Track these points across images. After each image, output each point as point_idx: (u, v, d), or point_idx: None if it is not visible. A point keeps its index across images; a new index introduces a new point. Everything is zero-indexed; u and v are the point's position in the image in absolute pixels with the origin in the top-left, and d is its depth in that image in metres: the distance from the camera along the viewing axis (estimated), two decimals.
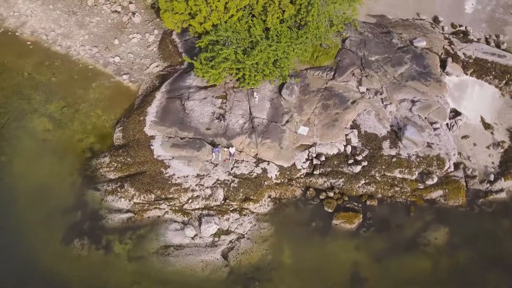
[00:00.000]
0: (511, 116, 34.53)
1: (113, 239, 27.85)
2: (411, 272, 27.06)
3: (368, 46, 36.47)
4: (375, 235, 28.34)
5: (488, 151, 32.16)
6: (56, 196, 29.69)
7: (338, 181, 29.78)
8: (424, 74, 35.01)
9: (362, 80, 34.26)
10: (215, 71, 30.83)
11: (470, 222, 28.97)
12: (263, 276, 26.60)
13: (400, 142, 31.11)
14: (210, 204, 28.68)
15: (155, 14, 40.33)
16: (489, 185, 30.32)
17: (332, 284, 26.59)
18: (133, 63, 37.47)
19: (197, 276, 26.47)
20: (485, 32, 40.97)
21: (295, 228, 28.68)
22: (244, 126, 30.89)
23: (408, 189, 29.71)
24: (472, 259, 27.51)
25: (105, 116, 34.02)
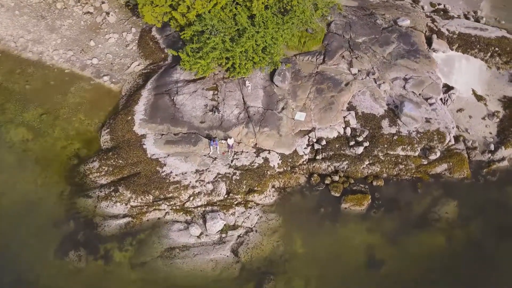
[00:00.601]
0: (500, 87, 34.65)
1: (112, 247, 25.84)
2: (426, 249, 26.32)
3: (354, 28, 36.01)
4: (386, 215, 27.53)
5: (484, 122, 32.09)
6: (44, 208, 27.50)
7: (342, 164, 28.85)
8: (413, 52, 34.81)
9: (353, 61, 33.69)
10: (204, 62, 29.45)
11: (477, 193, 28.63)
12: (277, 269, 25.23)
13: (399, 119, 30.57)
14: (213, 199, 27.11)
15: (131, 12, 38.68)
16: (491, 155, 30.14)
17: (348, 269, 25.48)
18: (113, 63, 35.55)
19: (208, 277, 24.83)
20: (463, 9, 41.41)
21: (304, 216, 27.51)
22: (240, 116, 29.58)
23: (413, 166, 29.11)
24: (484, 229, 27.07)
25: (88, 120, 31.96)
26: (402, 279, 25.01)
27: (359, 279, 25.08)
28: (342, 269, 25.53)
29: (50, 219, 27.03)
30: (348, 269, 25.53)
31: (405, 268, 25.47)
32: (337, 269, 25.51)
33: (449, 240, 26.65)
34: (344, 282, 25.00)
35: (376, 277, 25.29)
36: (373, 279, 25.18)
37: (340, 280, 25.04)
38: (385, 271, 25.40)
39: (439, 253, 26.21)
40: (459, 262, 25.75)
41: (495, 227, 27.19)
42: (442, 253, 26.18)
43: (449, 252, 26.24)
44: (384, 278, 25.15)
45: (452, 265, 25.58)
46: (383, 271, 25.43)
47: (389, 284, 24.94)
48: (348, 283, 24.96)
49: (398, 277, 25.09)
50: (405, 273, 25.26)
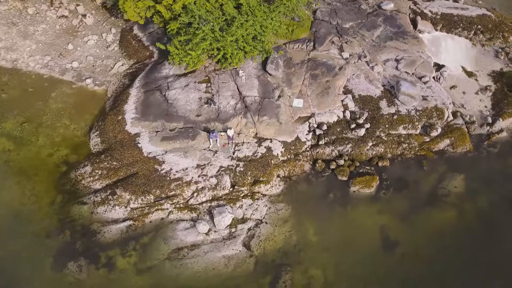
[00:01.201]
0: (488, 62, 34.99)
1: (114, 254, 24.04)
2: (439, 225, 25.80)
3: (340, 14, 35.74)
4: (396, 195, 26.92)
5: (478, 96, 32.19)
6: (35, 220, 25.48)
7: (346, 147, 28.13)
8: (400, 33, 34.78)
9: (343, 46, 33.27)
10: (195, 53, 28.29)
11: (482, 165, 28.48)
12: (292, 260, 24.07)
13: (396, 99, 30.22)
14: (218, 194, 25.77)
15: (108, 13, 37.16)
16: (489, 128, 30.15)
17: (364, 253, 24.57)
18: (94, 66, 33.84)
19: (221, 275, 23.39)
20: None
21: (313, 203, 26.54)
22: (237, 106, 28.46)
23: (416, 144, 28.71)
24: (493, 200, 26.77)
25: (74, 125, 30.11)
26: (418, 257, 24.32)
27: (376, 262, 24.23)
28: (358, 254, 24.58)
29: (42, 231, 25.04)
30: (364, 252, 24.61)
31: (420, 246, 24.79)
32: (353, 254, 24.55)
33: (461, 214, 26.22)
34: (361, 266, 24.06)
35: (393, 258, 24.52)
36: (390, 260, 24.40)
37: (357, 265, 24.10)
38: (401, 251, 24.67)
39: (452, 228, 25.74)
40: (473, 235, 25.25)
41: (504, 197, 26.91)
42: (455, 228, 25.71)
43: (463, 227, 25.77)
44: (400, 259, 24.41)
45: (466, 239, 25.11)
46: (399, 252, 24.69)
47: (406, 264, 24.15)
48: (366, 267, 24.01)
49: (415, 256, 24.38)
50: (421, 251, 24.58)
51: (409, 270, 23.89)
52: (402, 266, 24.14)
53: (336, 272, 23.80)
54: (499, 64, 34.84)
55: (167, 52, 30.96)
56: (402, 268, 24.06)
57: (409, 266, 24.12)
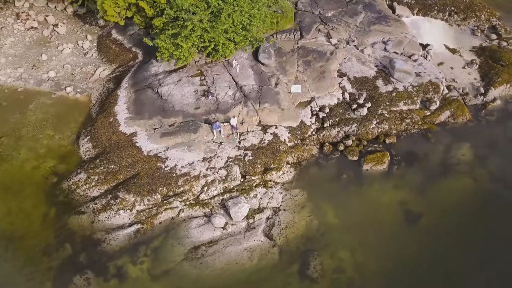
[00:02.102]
0: (467, 40, 35.90)
1: (124, 262, 21.70)
2: (456, 193, 25.31)
3: (320, 4, 35.79)
4: (408, 169, 26.36)
5: (466, 70, 32.73)
6: (28, 238, 22.78)
7: (351, 127, 27.47)
8: (382, 18, 35.19)
9: (330, 33, 33.13)
10: (186, 45, 26.95)
11: (483, 132, 28.63)
12: (317, 245, 22.67)
13: (392, 77, 30.13)
14: (230, 185, 24.13)
15: (82, 21, 35.30)
16: (483, 97, 30.58)
17: (388, 229, 23.57)
18: (73, 74, 31.72)
19: (246, 269, 21.57)
20: None
21: (328, 186, 25.47)
22: (236, 96, 27.23)
23: (418, 118, 28.52)
24: (502, 163, 26.72)
25: (58, 134, 27.76)
26: (443, 227, 23.55)
27: (402, 236, 23.26)
28: (382, 230, 23.53)
29: (37, 249, 22.32)
30: (388, 229, 23.61)
31: (443, 216, 24.08)
32: (377, 231, 23.46)
33: (474, 180, 25.90)
34: (387, 242, 22.98)
35: (417, 231, 23.63)
36: (415, 234, 23.46)
37: (384, 242, 23.00)
38: (424, 224, 23.83)
39: (469, 194, 25.33)
40: (490, 199, 24.91)
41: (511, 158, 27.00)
42: (472, 194, 25.32)
43: (479, 191, 25.42)
44: (424, 231, 23.54)
45: (486, 203, 24.73)
46: (422, 224, 23.84)
47: (431, 236, 23.28)
48: (393, 243, 22.96)
49: (438, 227, 23.59)
50: (444, 221, 23.85)
51: (436, 241, 23.02)
52: (428, 238, 23.25)
53: (364, 252, 22.56)
54: (478, 41, 35.80)
55: (153, 51, 29.52)
56: (428, 240, 23.15)
57: (435, 237, 23.26)
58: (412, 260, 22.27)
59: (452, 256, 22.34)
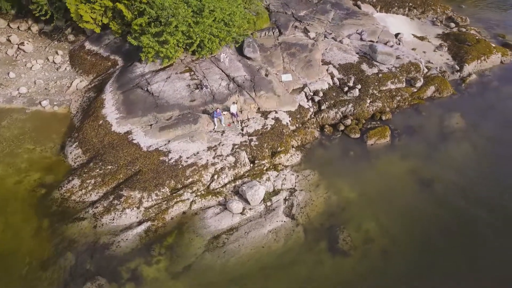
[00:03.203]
0: (430, 30, 38.06)
1: (137, 264, 19.42)
2: (461, 156, 25.56)
3: (291, 5, 36.71)
4: (410, 140, 26.52)
5: (437, 53, 34.36)
6: (21, 255, 19.88)
7: (348, 107, 27.47)
8: (351, 13, 36.61)
9: (307, 28, 33.76)
10: (173, 39, 26.14)
11: (468, 102, 29.73)
12: (340, 219, 21.68)
13: (374, 61, 30.91)
14: (240, 172, 22.84)
15: (49, 39, 33.53)
16: (460, 73, 32.07)
17: (406, 196, 23.10)
18: (47, 88, 29.64)
19: (274, 251, 20.04)
20: None
21: (337, 163, 24.88)
22: (230, 86, 26.49)
23: (407, 95, 29.17)
24: (492, 125, 27.60)
25: (40, 147, 25.37)
26: (456, 188, 23.49)
27: (420, 201, 22.80)
28: (400, 198, 23.02)
29: (34, 264, 19.47)
30: (404, 196, 23.14)
31: (453, 177, 24.11)
32: (395, 199, 22.93)
33: (473, 144, 26.43)
34: (408, 208, 22.42)
35: (434, 194, 23.30)
36: (432, 196, 23.09)
37: (404, 208, 22.43)
38: (438, 187, 23.64)
39: (472, 157, 25.67)
40: (491, 158, 25.42)
41: (499, 120, 28.05)
42: (475, 156, 25.68)
43: (481, 153, 25.88)
44: (441, 193, 23.32)
45: (488, 161, 25.18)
46: (436, 187, 23.63)
47: (448, 196, 23.08)
48: (414, 208, 22.44)
49: (452, 188, 23.51)
50: (456, 182, 23.84)
51: (453, 200, 22.86)
52: (445, 199, 23.01)
53: (388, 220, 21.83)
54: (439, 29, 38.07)
55: (135, 55, 28.50)
56: (446, 200, 22.91)
57: (451, 197, 23.09)
58: (435, 220, 21.82)
59: (472, 211, 22.19)
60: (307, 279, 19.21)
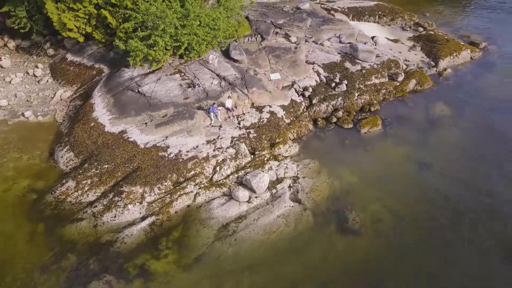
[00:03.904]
0: (400, 34, 40.08)
1: (144, 260, 18.45)
2: (453, 141, 26.31)
3: (269, 15, 37.76)
4: (401, 128, 27.20)
5: (412, 52, 36.05)
6: (16, 261, 18.46)
7: (338, 100, 28.02)
8: (327, 20, 38.03)
9: (287, 33, 34.68)
10: (162, 41, 26.13)
11: (448, 92, 31.03)
12: (346, 202, 21.61)
13: (357, 59, 31.96)
14: (242, 163, 22.54)
15: (27, 54, 32.71)
16: (436, 68, 33.64)
17: (405, 178, 23.40)
18: (29, 100, 28.63)
19: (285, 235, 19.61)
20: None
21: (334, 152, 25.05)
22: (222, 84, 26.53)
23: (391, 88, 30.17)
24: (473, 110, 28.85)
25: (26, 155, 24.22)
26: (451, 167, 24.09)
27: (421, 182, 23.16)
28: (400, 179, 23.28)
29: (31, 269, 18.08)
30: (404, 177, 23.44)
31: (450, 159, 24.73)
32: (396, 181, 23.16)
33: (461, 128, 27.38)
34: (409, 188, 22.67)
35: (432, 175, 23.76)
36: (431, 177, 23.50)
37: (406, 188, 22.67)
38: (436, 169, 24.13)
39: (464, 139, 26.40)
40: (478, 139, 26.35)
41: (478, 104, 29.43)
42: (466, 139, 26.45)
43: (466, 133, 26.82)
44: (437, 172, 23.81)
45: (473, 139, 26.13)
46: (435, 169, 24.11)
47: (446, 177, 23.54)
48: (415, 189, 22.70)
49: (449, 169, 24.08)
50: (451, 164, 24.45)
51: (448, 177, 23.40)
52: (441, 177, 23.47)
53: (393, 200, 21.95)
54: (409, 34, 40.18)
55: (121, 62, 28.20)
56: (442, 178, 23.38)
57: (447, 174, 23.59)
58: (435, 197, 22.18)
59: (465, 183, 22.80)
60: (322, 260, 18.81)
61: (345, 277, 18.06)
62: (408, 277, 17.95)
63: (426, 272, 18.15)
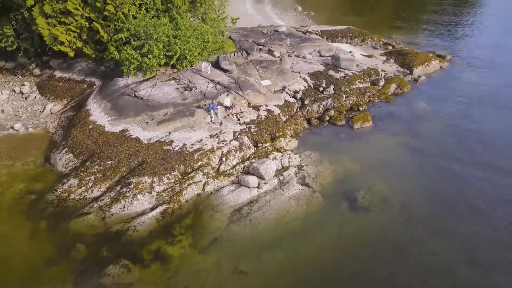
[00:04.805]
0: (372, 51, 42.75)
1: (158, 246, 17.87)
2: (440, 129, 27.79)
3: (250, 36, 39.54)
4: (391, 123, 28.32)
5: (387, 64, 38.38)
6: (19, 258, 17.42)
7: (328, 101, 29.17)
8: (305, 39, 40.21)
9: (271, 49, 36.30)
10: (156, 48, 26.73)
11: (427, 93, 33.02)
12: (352, 185, 22.01)
13: (339, 68, 33.70)
14: (246, 154, 22.71)
15: (11, 74, 32.35)
16: (411, 76, 35.90)
17: (403, 161, 24.33)
18: (18, 115, 27.98)
19: (298, 215, 19.65)
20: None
21: (332, 144, 25.78)
22: (217, 87, 27.11)
23: (375, 91, 31.81)
24: (454, 105, 30.84)
25: (20, 162, 23.43)
26: (441, 149, 25.36)
27: (419, 164, 24.08)
28: (399, 163, 24.04)
29: (37, 263, 17.05)
30: (402, 161, 24.28)
31: (437, 143, 26.04)
32: (395, 164, 23.85)
33: (441, 119, 29.01)
34: (410, 169, 23.54)
35: (427, 156, 24.76)
36: (426, 159, 24.49)
37: (407, 170, 23.46)
38: (427, 151, 25.17)
39: (450, 132, 27.76)
40: (461, 126, 28.05)
41: (457, 98, 31.64)
42: (452, 131, 27.88)
43: (448, 123, 28.44)
44: (430, 154, 24.90)
45: (454, 127, 27.85)
46: (426, 151, 25.15)
47: (441, 158, 24.64)
48: (415, 170, 23.49)
49: (439, 149, 25.33)
50: (439, 145, 25.77)
51: (441, 156, 24.62)
52: (435, 157, 24.58)
53: (397, 180, 22.54)
54: (380, 51, 42.94)
55: (113, 75, 28.45)
56: (436, 159, 24.47)
57: (439, 156, 24.71)
58: (433, 172, 23.19)
59: (459, 157, 24.15)
60: (337, 237, 18.83)
61: (364, 249, 18.10)
62: (427, 241, 18.35)
63: (438, 233, 18.76)
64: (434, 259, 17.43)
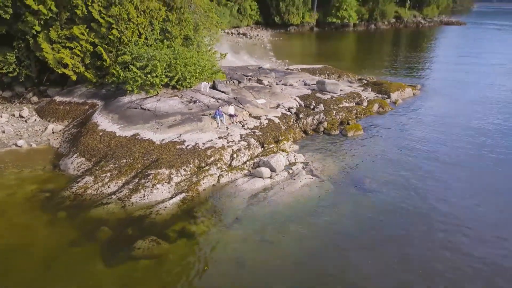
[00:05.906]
0: (350, 85, 46.23)
1: (183, 225, 18.20)
2: (421, 133, 30.10)
3: (237, 70, 42.16)
4: (381, 130, 30.28)
5: (366, 92, 41.48)
6: (40, 241, 17.27)
7: (320, 115, 31.17)
8: (288, 73, 43.25)
9: (259, 79, 38.80)
10: (160, 65, 28.39)
11: (407, 111, 35.80)
12: (357, 174, 23.33)
13: (325, 91, 36.34)
14: (255, 153, 23.79)
15: (9, 102, 32.78)
16: (389, 99, 39.01)
17: (402, 156, 25.91)
18: (19, 134, 28.11)
19: (312, 198, 20.57)
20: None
21: (331, 147, 27.23)
22: (219, 101, 28.63)
23: (360, 109, 34.34)
24: (431, 119, 33.54)
25: (27, 169, 23.41)
26: (432, 149, 27.45)
27: (414, 156, 25.99)
28: (397, 157, 25.48)
29: (62, 243, 16.92)
30: (399, 155, 25.74)
31: (425, 143, 28.16)
32: (394, 159, 25.17)
33: (424, 127, 31.50)
34: (407, 160, 25.23)
35: (421, 152, 26.63)
36: (421, 152, 26.57)
37: (403, 161, 25.06)
38: (419, 148, 27.08)
39: (427, 132, 30.31)
40: (438, 129, 30.66)
41: (431, 117, 34.41)
42: (429, 131, 30.41)
43: (431, 130, 30.92)
44: (425, 150, 26.89)
45: (437, 130, 30.41)
46: (419, 148, 27.06)
47: (430, 151, 26.72)
48: (411, 159, 25.35)
49: (427, 146, 27.48)
50: (427, 144, 27.95)
51: (433, 152, 26.64)
52: (429, 152, 26.57)
53: (401, 169, 23.92)
54: (357, 84, 46.41)
55: (115, 95, 29.60)
56: (430, 153, 26.46)
57: (436, 152, 26.73)
58: (429, 163, 25.10)
59: (446, 152, 25.94)
60: (353, 212, 19.75)
61: (379, 217, 19.14)
62: (435, 215, 19.55)
63: (442, 203, 20.05)
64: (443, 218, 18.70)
